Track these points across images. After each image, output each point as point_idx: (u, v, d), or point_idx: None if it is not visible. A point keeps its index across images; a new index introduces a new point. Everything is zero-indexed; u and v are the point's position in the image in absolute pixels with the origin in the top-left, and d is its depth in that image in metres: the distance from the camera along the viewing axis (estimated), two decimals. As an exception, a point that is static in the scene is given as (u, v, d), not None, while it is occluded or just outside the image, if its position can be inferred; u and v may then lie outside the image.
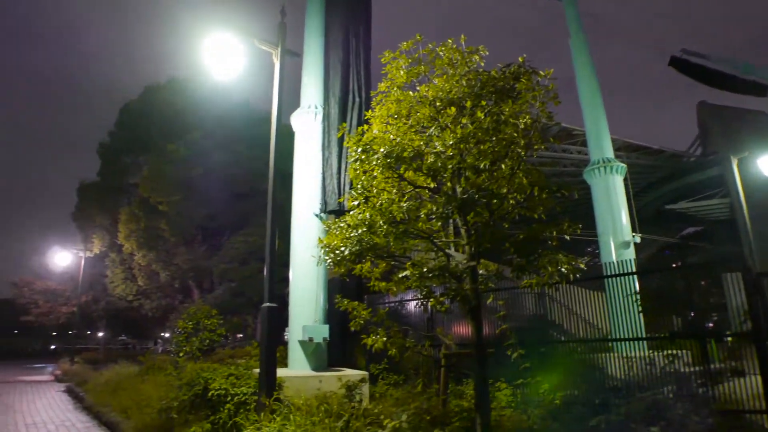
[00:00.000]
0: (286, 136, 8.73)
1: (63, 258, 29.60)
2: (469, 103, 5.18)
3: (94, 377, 15.68)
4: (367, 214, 5.14)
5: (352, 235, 5.21)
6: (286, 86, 8.25)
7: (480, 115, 5.12)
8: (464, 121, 5.25)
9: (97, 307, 33.56)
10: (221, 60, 8.52)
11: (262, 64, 10.43)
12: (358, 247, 5.16)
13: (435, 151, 5.10)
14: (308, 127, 10.08)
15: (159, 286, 26.43)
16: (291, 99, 9.89)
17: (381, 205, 5.16)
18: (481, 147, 5.05)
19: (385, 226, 5.02)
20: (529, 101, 5.09)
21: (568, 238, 5.02)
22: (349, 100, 9.97)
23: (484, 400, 5.05)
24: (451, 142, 4.94)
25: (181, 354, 13.87)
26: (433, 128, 5.37)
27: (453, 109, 5.17)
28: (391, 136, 5.32)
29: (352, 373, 8.53)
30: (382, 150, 5.14)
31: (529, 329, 8.82)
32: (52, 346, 32.79)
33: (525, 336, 8.28)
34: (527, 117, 5.13)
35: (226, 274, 23.97)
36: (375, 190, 5.48)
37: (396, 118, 5.63)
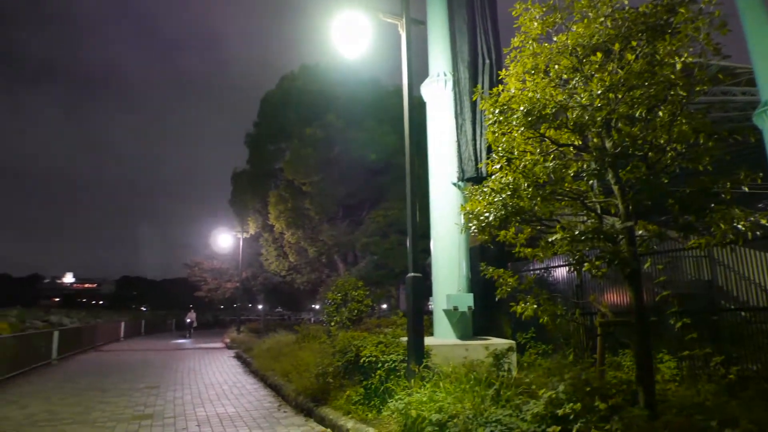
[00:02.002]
0: (418, 107, 8.67)
1: (225, 240, 33.10)
2: (617, 46, 4.66)
3: (258, 345, 17.25)
4: (510, 177, 4.89)
5: (495, 200, 4.99)
6: (413, 57, 8.17)
7: (630, 57, 4.59)
8: (611, 67, 4.75)
9: (256, 283, 37.02)
10: (349, 38, 8.70)
11: (388, 38, 10.43)
12: (503, 212, 4.94)
13: (580, 104, 4.68)
14: (439, 95, 9.91)
15: (308, 261, 28.16)
16: (419, 69, 9.78)
17: (524, 167, 4.89)
18: (634, 93, 4.53)
19: (530, 189, 4.74)
20: (690, 34, 4.43)
21: (746, 189, 4.36)
22: (479, 63, 9.60)
23: (648, 373, 4.63)
24: (599, 92, 4.49)
25: (332, 323, 14.73)
26: (576, 79, 4.93)
27: (599, 55, 4.68)
28: (530, 94, 4.98)
29: (498, 342, 8.39)
30: (521, 109, 4.84)
31: (694, 296, 7.95)
32: (188, 320, 34.07)
33: (689, 304, 7.49)
34: (686, 54, 4.50)
35: (368, 247, 24.83)
36: (516, 152, 5.19)
37: (533, 74, 5.25)
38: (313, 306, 48.20)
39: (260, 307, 54.13)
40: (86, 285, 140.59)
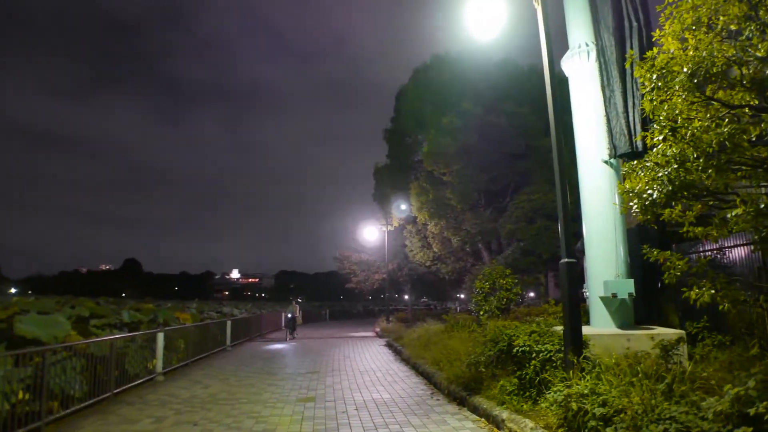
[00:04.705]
0: (559, 83, 8.17)
1: (370, 233, 34.45)
2: (803, -16, 3.95)
3: (407, 334, 17.66)
4: (675, 148, 4.37)
5: (659, 175, 4.50)
6: (551, 30, 7.73)
7: (822, -5, 3.86)
8: (796, 9, 4.04)
9: (402, 273, 37.99)
10: (482, 21, 8.52)
11: (519, 15, 9.98)
12: (669, 188, 4.43)
13: (756, 57, 4.04)
14: (581, 68, 9.25)
15: (452, 251, 28.18)
16: (558, 42, 9.22)
17: (692, 135, 4.34)
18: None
19: (700, 160, 4.20)
20: None
21: None
22: (625, 27, 8.75)
23: None
24: (782, 40, 3.85)
25: (481, 312, 14.57)
26: (750, 29, 4.27)
27: (779, -3, 4.02)
28: (692, 52, 4.41)
29: (665, 332, 7.64)
30: (684, 70, 4.30)
31: None
32: (288, 314, 27.73)
33: None
34: None
35: (514, 234, 24.14)
36: (680, 120, 4.63)
37: (694, 30, 4.65)
38: (458, 295, 48.18)
39: (406, 297, 55.47)
40: (250, 279, 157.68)
